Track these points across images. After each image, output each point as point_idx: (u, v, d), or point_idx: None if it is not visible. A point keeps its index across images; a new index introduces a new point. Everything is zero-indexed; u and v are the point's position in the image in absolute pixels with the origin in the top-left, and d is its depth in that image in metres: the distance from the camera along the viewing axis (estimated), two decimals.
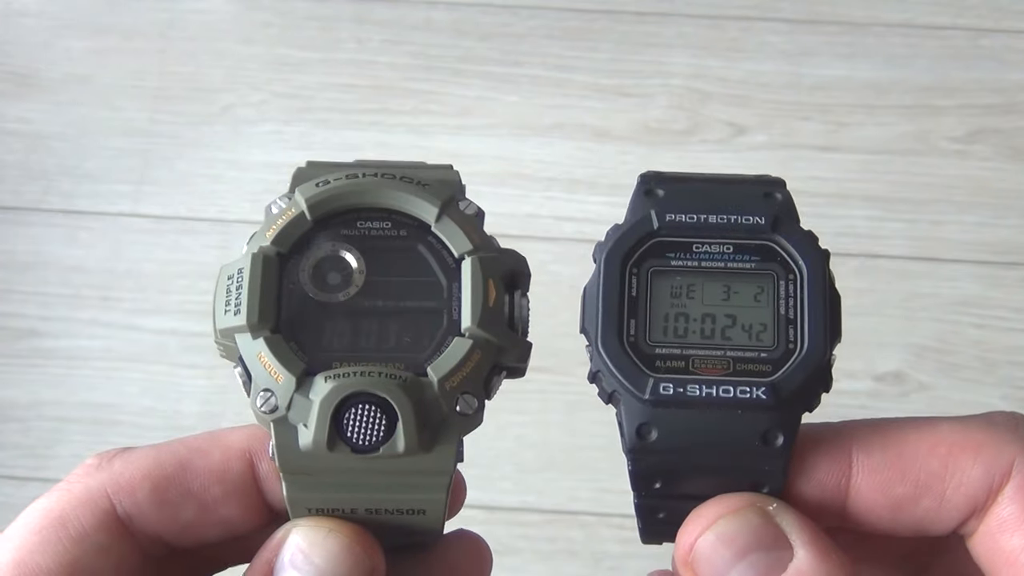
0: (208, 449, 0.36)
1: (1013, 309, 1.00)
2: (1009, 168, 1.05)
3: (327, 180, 0.37)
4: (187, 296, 1.02)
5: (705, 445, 0.34)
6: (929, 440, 0.34)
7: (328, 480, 0.34)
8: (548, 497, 0.93)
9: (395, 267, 0.36)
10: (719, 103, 1.08)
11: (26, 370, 1.00)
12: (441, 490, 0.35)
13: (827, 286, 0.36)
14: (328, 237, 0.36)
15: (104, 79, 1.10)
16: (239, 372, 0.35)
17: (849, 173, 1.05)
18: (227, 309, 0.35)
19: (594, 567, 0.92)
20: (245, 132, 1.08)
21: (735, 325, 0.36)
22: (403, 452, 0.33)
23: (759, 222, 0.36)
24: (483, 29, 1.11)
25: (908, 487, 0.34)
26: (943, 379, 0.97)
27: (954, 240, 1.02)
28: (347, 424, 0.33)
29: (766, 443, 0.34)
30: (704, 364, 0.35)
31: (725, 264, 0.36)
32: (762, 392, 0.34)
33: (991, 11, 1.11)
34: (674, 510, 0.35)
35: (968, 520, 0.34)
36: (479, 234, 0.36)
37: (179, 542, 0.36)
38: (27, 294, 1.03)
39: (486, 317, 0.35)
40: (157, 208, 1.05)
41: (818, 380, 0.35)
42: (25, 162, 1.07)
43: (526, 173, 1.05)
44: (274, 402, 0.34)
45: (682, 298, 0.36)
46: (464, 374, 0.34)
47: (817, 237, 0.36)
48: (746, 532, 0.33)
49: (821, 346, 0.35)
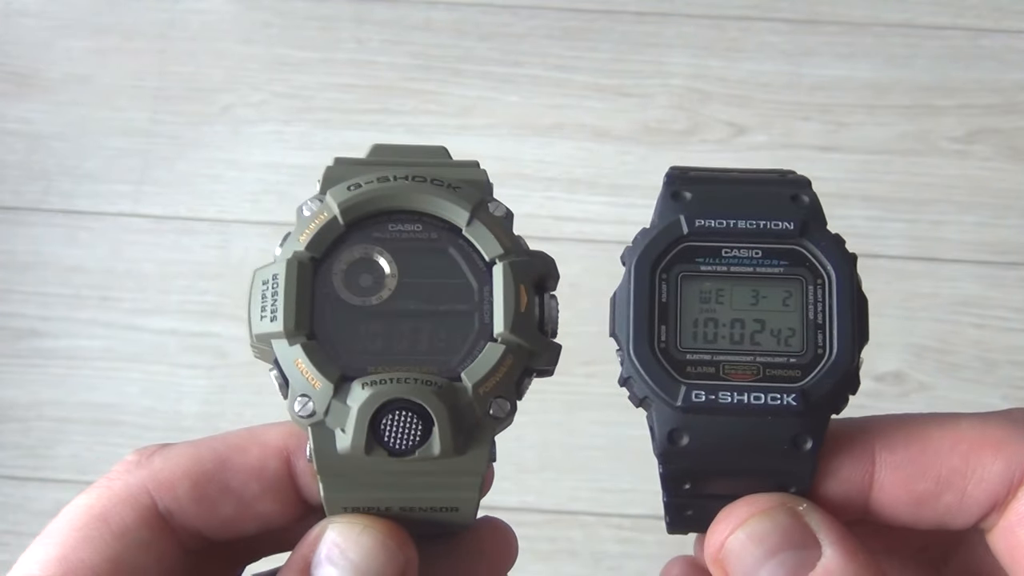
0: (246, 446, 0.36)
1: (1013, 309, 1.00)
2: (1009, 168, 1.05)
3: (358, 183, 0.37)
4: (187, 296, 1.02)
5: (735, 449, 0.35)
6: (951, 437, 0.35)
7: (364, 481, 0.35)
8: (548, 497, 0.94)
9: (427, 270, 0.37)
10: (719, 103, 1.08)
11: (26, 370, 1.00)
12: (474, 489, 0.36)
13: (855, 290, 0.36)
14: (360, 240, 0.37)
15: (104, 79, 1.10)
16: (275, 375, 0.36)
17: (849, 173, 1.05)
18: (263, 315, 0.36)
19: (594, 567, 0.92)
20: (245, 132, 1.08)
21: (764, 330, 0.36)
22: (438, 455, 0.34)
23: (788, 227, 0.37)
24: (483, 29, 1.11)
25: (930, 483, 0.35)
26: (943, 379, 0.97)
27: (954, 240, 1.02)
28: (384, 429, 0.34)
29: (795, 447, 0.35)
30: (734, 370, 0.36)
31: (754, 269, 0.37)
32: (792, 399, 0.35)
33: (991, 11, 1.11)
34: (702, 508, 0.36)
35: (988, 514, 0.35)
36: (509, 237, 0.37)
37: (217, 536, 0.37)
38: (27, 294, 1.03)
39: (518, 322, 0.35)
40: (157, 208, 1.05)
41: (846, 384, 0.35)
42: (25, 162, 1.07)
43: (526, 173, 1.05)
44: (312, 407, 0.35)
45: (711, 303, 0.36)
46: (497, 379, 0.35)
47: (844, 240, 0.37)
48: (776, 531, 0.34)
49: (849, 351, 0.35)
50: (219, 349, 1.00)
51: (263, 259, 0.38)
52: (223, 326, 1.00)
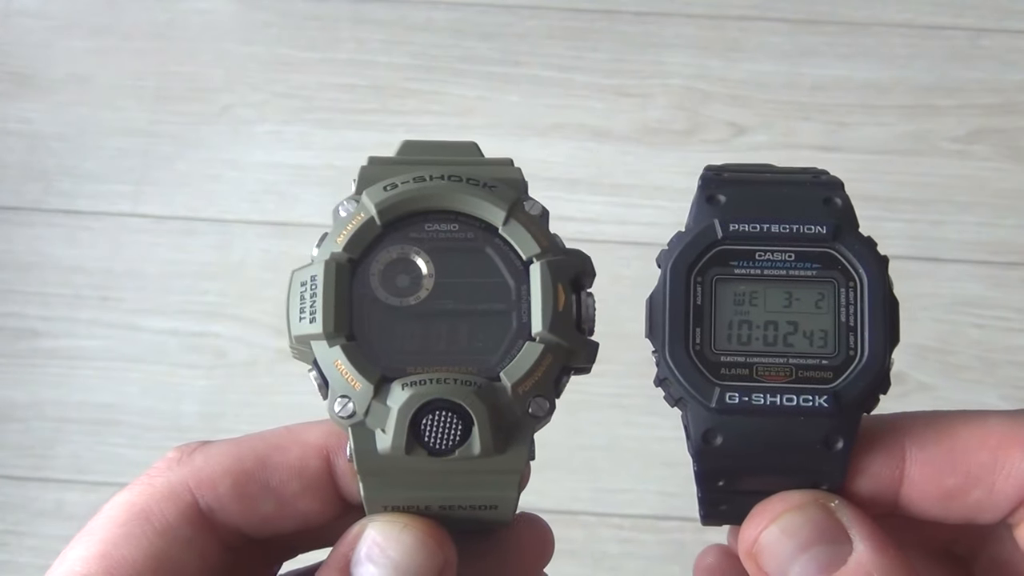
0: (287, 445, 0.37)
1: (1014, 309, 1.00)
2: (1009, 168, 1.05)
3: (394, 183, 0.37)
4: (187, 296, 1.02)
5: (768, 449, 0.36)
6: (980, 433, 0.36)
7: (404, 481, 0.35)
8: (548, 497, 0.93)
9: (463, 269, 0.37)
10: (719, 103, 1.08)
11: (26, 370, 1.00)
12: (513, 487, 0.36)
13: (887, 293, 0.37)
14: (397, 241, 0.37)
15: (104, 79, 1.10)
16: (314, 376, 0.36)
17: (849, 173, 1.03)
18: (302, 316, 0.36)
19: (594, 567, 0.92)
20: (245, 132, 1.08)
21: (797, 332, 0.37)
22: (479, 455, 0.35)
23: (820, 231, 0.37)
24: (483, 29, 1.11)
25: (959, 478, 0.35)
26: (944, 379, 0.97)
27: (954, 240, 1.02)
28: (424, 429, 0.34)
29: (827, 447, 0.35)
30: (767, 372, 0.36)
31: (787, 272, 0.37)
32: (824, 400, 0.36)
33: (991, 11, 1.11)
34: (736, 503, 0.37)
35: (1017, 509, 0.35)
36: (546, 235, 0.37)
37: (256, 533, 0.37)
38: (27, 294, 1.03)
39: (556, 322, 0.36)
40: (157, 208, 1.05)
41: (877, 385, 0.36)
42: (25, 162, 1.07)
43: (526, 173, 1.05)
44: (352, 408, 0.35)
45: (745, 305, 0.37)
46: (536, 378, 0.35)
47: (876, 243, 0.38)
48: (809, 526, 0.35)
49: (881, 353, 0.36)
50: (219, 349, 1.00)
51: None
52: (223, 326, 1.00)
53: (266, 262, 1.00)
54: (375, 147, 0.41)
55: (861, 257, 0.37)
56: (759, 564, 0.35)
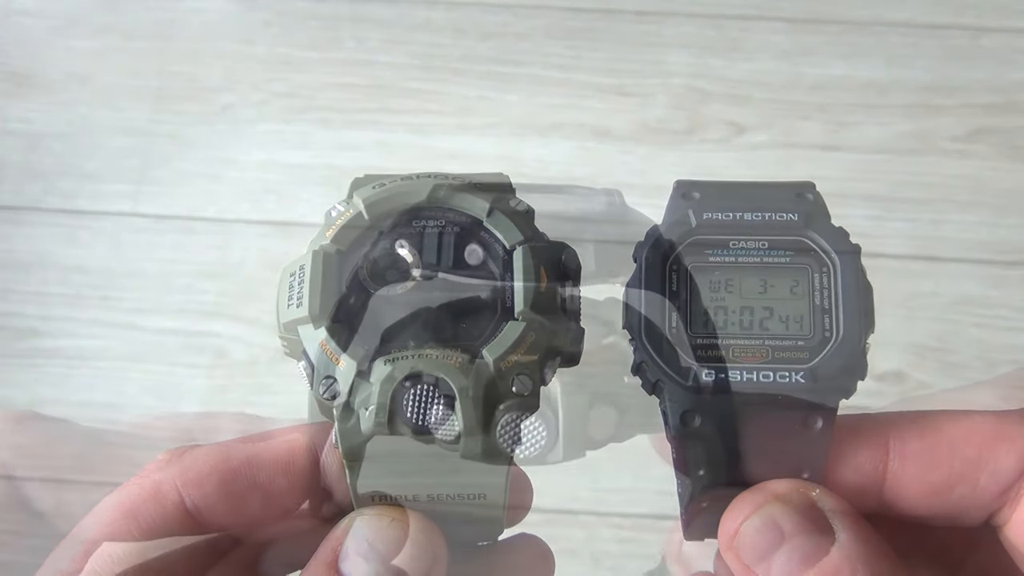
0: (273, 443, 0.37)
1: (1014, 308, 1.00)
2: (1009, 168, 1.05)
3: (383, 183, 0.38)
4: (187, 296, 1.02)
5: (746, 430, 0.36)
6: (964, 429, 0.35)
7: (390, 465, 0.35)
8: (548, 497, 0.93)
9: (449, 260, 0.38)
10: (719, 103, 1.08)
11: (26, 370, 1.00)
12: (500, 473, 0.36)
13: (859, 275, 0.37)
14: (385, 233, 0.38)
15: (104, 79, 1.10)
16: (303, 366, 0.36)
17: (849, 172, 1.05)
18: (290, 303, 0.37)
19: (594, 567, 0.92)
20: (245, 132, 1.08)
21: (772, 316, 0.37)
22: (462, 431, 0.34)
23: (792, 219, 0.38)
24: (483, 29, 1.11)
25: (943, 474, 0.35)
26: (944, 379, 0.97)
27: (954, 239, 1.02)
28: (407, 404, 0.34)
29: (806, 427, 0.35)
30: (744, 353, 0.36)
31: (761, 259, 0.38)
32: (800, 376, 0.35)
33: (992, 10, 1.10)
34: (717, 499, 0.37)
35: (1001, 509, 0.35)
36: (530, 227, 0.38)
37: (244, 533, 0.37)
38: (27, 294, 1.03)
39: (539, 301, 0.36)
40: (157, 208, 1.05)
41: (854, 366, 0.36)
42: (25, 162, 1.07)
43: (526, 173, 1.05)
44: (336, 388, 0.35)
45: (721, 292, 0.37)
46: (519, 355, 0.35)
47: (848, 233, 0.38)
48: (790, 516, 0.34)
49: (856, 333, 0.36)
50: (219, 349, 1.00)
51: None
52: (223, 326, 1.00)
53: (266, 262, 1.00)
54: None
55: (833, 243, 0.37)
56: (739, 556, 0.35)
